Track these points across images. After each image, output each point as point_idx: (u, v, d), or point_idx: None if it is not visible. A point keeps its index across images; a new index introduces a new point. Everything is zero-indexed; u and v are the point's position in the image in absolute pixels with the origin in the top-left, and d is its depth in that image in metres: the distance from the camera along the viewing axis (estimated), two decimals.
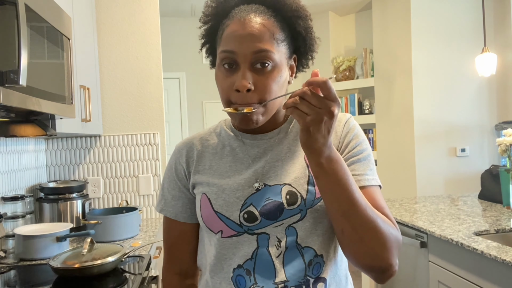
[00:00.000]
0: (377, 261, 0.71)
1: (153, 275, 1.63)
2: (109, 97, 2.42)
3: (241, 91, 0.75)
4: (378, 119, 4.09)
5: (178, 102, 4.63)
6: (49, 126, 1.58)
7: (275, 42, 0.77)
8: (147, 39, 2.45)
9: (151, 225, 2.26)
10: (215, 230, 0.81)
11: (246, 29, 0.75)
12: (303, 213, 0.78)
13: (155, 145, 2.45)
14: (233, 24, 0.77)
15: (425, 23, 3.58)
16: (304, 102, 0.65)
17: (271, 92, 0.77)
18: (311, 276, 0.78)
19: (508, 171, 2.13)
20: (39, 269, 1.55)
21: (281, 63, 0.79)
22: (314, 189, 0.79)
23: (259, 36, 0.75)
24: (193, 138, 0.92)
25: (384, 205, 0.78)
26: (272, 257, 0.78)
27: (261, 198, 0.79)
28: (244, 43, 0.75)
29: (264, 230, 0.78)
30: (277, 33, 0.78)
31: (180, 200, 0.90)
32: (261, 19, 0.77)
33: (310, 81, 0.66)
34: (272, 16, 0.79)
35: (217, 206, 0.81)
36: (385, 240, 0.71)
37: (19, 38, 1.05)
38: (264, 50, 0.75)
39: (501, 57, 3.52)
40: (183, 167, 0.89)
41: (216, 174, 0.85)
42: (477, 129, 3.69)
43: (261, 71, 0.76)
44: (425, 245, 1.93)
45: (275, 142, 0.85)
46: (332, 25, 4.57)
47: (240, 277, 0.79)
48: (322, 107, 0.65)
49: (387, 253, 0.72)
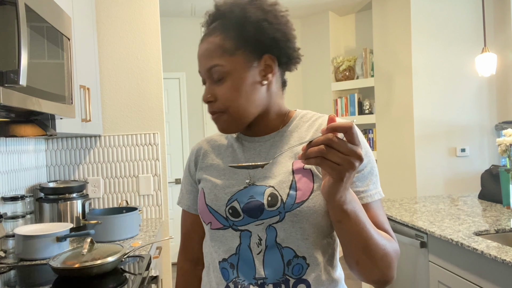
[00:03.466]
0: (384, 277, 0.78)
1: (153, 275, 1.63)
2: (109, 97, 2.42)
3: (205, 103, 0.86)
4: (378, 119, 4.09)
5: (178, 102, 4.63)
6: (49, 126, 1.58)
7: (226, 54, 0.83)
8: (147, 39, 2.45)
9: (151, 225, 2.26)
10: (206, 221, 0.88)
11: (201, 50, 0.86)
12: (282, 216, 0.80)
13: (155, 145, 2.45)
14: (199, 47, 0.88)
15: (425, 23, 3.59)
16: (332, 151, 0.63)
17: (231, 99, 0.83)
18: (291, 276, 0.80)
19: (508, 171, 2.13)
20: (39, 269, 1.55)
21: (238, 70, 0.83)
22: (295, 194, 0.80)
23: (208, 55, 0.84)
24: (205, 139, 1.02)
25: (385, 219, 0.83)
26: (252, 254, 0.81)
27: (246, 195, 0.83)
28: (202, 63, 0.86)
29: (247, 227, 0.82)
30: (228, 44, 0.83)
31: (192, 194, 0.99)
32: (212, 38, 0.85)
33: (335, 127, 0.63)
34: (224, 30, 0.84)
35: (208, 200, 0.88)
36: (392, 260, 0.78)
37: (19, 38, 1.05)
38: (212, 66, 0.84)
39: (501, 57, 3.52)
40: (193, 164, 0.98)
41: (215, 171, 0.91)
42: (477, 129, 3.69)
43: (219, 83, 0.84)
44: (425, 245, 1.93)
45: (270, 145, 0.89)
46: (332, 25, 4.57)
47: (224, 270, 0.85)
48: (351, 154, 0.63)
49: (392, 271, 0.79)
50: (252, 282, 0.80)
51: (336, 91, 4.58)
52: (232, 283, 0.83)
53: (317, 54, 4.62)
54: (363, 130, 4.42)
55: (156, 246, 2.08)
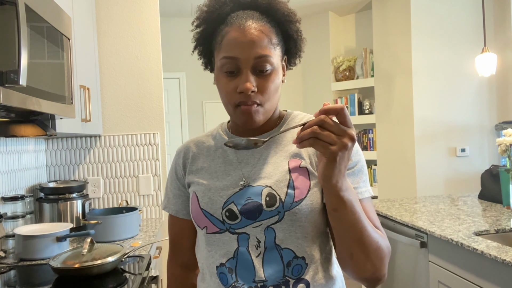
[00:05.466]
0: (376, 274, 0.77)
1: (153, 275, 1.63)
2: (109, 97, 2.42)
3: (245, 93, 0.79)
4: (378, 119, 4.09)
5: (178, 102, 4.63)
6: (49, 126, 1.58)
7: (272, 47, 0.81)
8: (147, 39, 2.45)
9: (151, 225, 2.26)
10: (201, 226, 0.86)
11: (247, 36, 0.79)
12: (281, 215, 0.79)
13: (155, 145, 2.45)
14: (233, 31, 0.81)
15: (425, 23, 3.58)
16: (325, 131, 0.65)
17: (270, 93, 0.82)
18: (291, 277, 0.80)
19: (508, 171, 2.13)
20: (39, 269, 1.55)
21: (278, 66, 0.83)
22: (293, 192, 0.80)
23: (259, 42, 0.80)
24: (191, 141, 0.98)
25: (375, 217, 0.82)
26: (252, 257, 0.80)
27: (243, 197, 0.82)
28: (246, 50, 0.79)
29: (244, 230, 0.81)
30: (273, 38, 0.82)
31: (180, 198, 0.96)
32: (259, 26, 0.81)
33: (327, 109, 0.66)
34: (267, 21, 0.83)
35: (203, 204, 0.85)
36: (384, 255, 0.77)
37: (19, 38, 1.05)
38: (264, 55, 0.80)
39: (501, 57, 3.52)
40: (181, 168, 0.95)
41: (207, 174, 0.89)
42: (477, 129, 3.69)
43: (261, 75, 0.80)
44: (425, 245, 1.93)
45: (264, 146, 0.87)
46: (332, 25, 4.57)
47: (222, 274, 0.83)
48: (343, 134, 0.65)
49: (384, 267, 0.78)
50: (252, 286, 0.79)
51: (336, 91, 4.58)
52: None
53: (317, 54, 4.62)
54: (363, 130, 4.43)
55: (156, 246, 2.08)
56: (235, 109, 0.82)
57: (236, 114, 0.82)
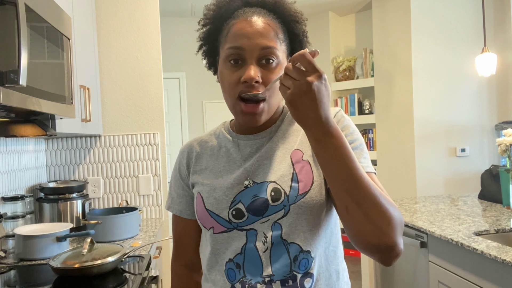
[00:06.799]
0: (383, 239, 0.70)
1: (153, 275, 1.63)
2: (109, 97, 2.42)
3: (249, 82, 0.79)
4: (378, 119, 4.09)
5: (178, 102, 4.63)
6: (49, 126, 1.58)
7: (278, 41, 0.82)
8: (147, 39, 2.45)
9: (151, 225, 2.26)
10: (207, 227, 0.85)
11: (253, 27, 0.81)
12: (287, 209, 0.80)
13: (155, 145, 2.45)
14: (240, 22, 0.82)
15: (425, 23, 3.58)
16: (287, 77, 0.69)
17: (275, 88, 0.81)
18: (298, 272, 0.79)
19: (508, 171, 2.13)
20: (39, 269, 1.55)
21: (283, 61, 0.84)
22: (298, 185, 0.80)
23: (266, 34, 0.81)
24: (194, 140, 0.98)
25: (383, 189, 0.78)
26: (259, 252, 0.80)
27: (249, 195, 0.82)
28: (252, 40, 0.80)
29: (252, 226, 0.81)
30: (280, 34, 0.83)
31: (184, 198, 0.96)
32: (265, 20, 0.82)
33: (292, 58, 0.69)
34: (274, 18, 0.84)
35: (208, 204, 0.85)
36: (389, 217, 0.71)
37: (19, 38, 1.05)
38: (270, 47, 0.80)
39: (501, 57, 3.52)
40: (185, 167, 0.95)
41: (211, 174, 0.89)
42: (477, 129, 3.69)
43: (266, 66, 0.81)
44: (425, 245, 1.93)
45: (266, 141, 0.88)
46: (332, 25, 4.57)
47: (230, 270, 0.83)
48: (301, 79, 0.67)
49: (392, 231, 0.71)
50: (259, 281, 0.80)
51: (336, 91, 4.58)
52: (239, 283, 0.81)
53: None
54: (363, 130, 4.42)
55: (156, 246, 2.08)
56: (236, 103, 0.82)
57: (236, 109, 0.82)
